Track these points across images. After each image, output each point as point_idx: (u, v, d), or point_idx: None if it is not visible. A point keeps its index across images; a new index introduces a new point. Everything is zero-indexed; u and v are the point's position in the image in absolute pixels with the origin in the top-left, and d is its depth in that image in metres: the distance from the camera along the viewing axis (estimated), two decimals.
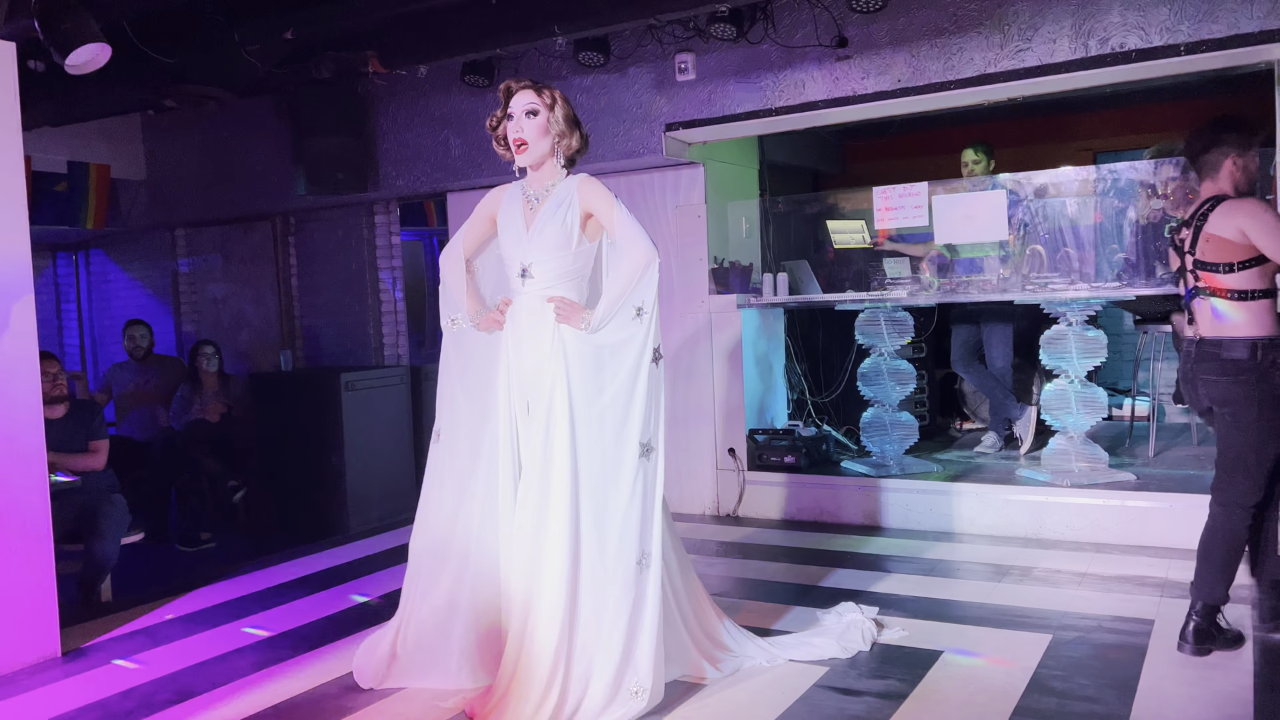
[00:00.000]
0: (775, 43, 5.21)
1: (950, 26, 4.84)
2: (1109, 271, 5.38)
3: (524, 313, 3.11)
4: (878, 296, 5.57)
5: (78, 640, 3.98)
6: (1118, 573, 4.27)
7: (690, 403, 5.80)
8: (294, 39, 5.15)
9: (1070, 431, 5.10)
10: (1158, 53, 4.46)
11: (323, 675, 3.48)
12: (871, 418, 5.69)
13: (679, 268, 5.76)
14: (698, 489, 5.85)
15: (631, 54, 5.56)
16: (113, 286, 8.62)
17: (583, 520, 2.96)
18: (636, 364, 3.02)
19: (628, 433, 3.00)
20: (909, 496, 5.26)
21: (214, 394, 6.65)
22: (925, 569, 4.48)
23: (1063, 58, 4.64)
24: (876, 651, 3.46)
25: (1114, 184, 5.63)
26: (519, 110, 3.10)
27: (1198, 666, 3.22)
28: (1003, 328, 5.92)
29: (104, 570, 4.56)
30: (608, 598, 2.93)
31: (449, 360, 3.31)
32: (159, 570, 5.40)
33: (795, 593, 4.21)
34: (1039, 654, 3.37)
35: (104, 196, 7.52)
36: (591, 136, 5.68)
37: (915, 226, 5.56)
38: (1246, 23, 4.28)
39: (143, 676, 3.56)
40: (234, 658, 3.72)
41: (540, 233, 3.09)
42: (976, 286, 5.51)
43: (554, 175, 3.17)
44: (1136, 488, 4.86)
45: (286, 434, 6.27)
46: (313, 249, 7.36)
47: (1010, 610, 3.85)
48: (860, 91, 5.07)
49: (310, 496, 6.16)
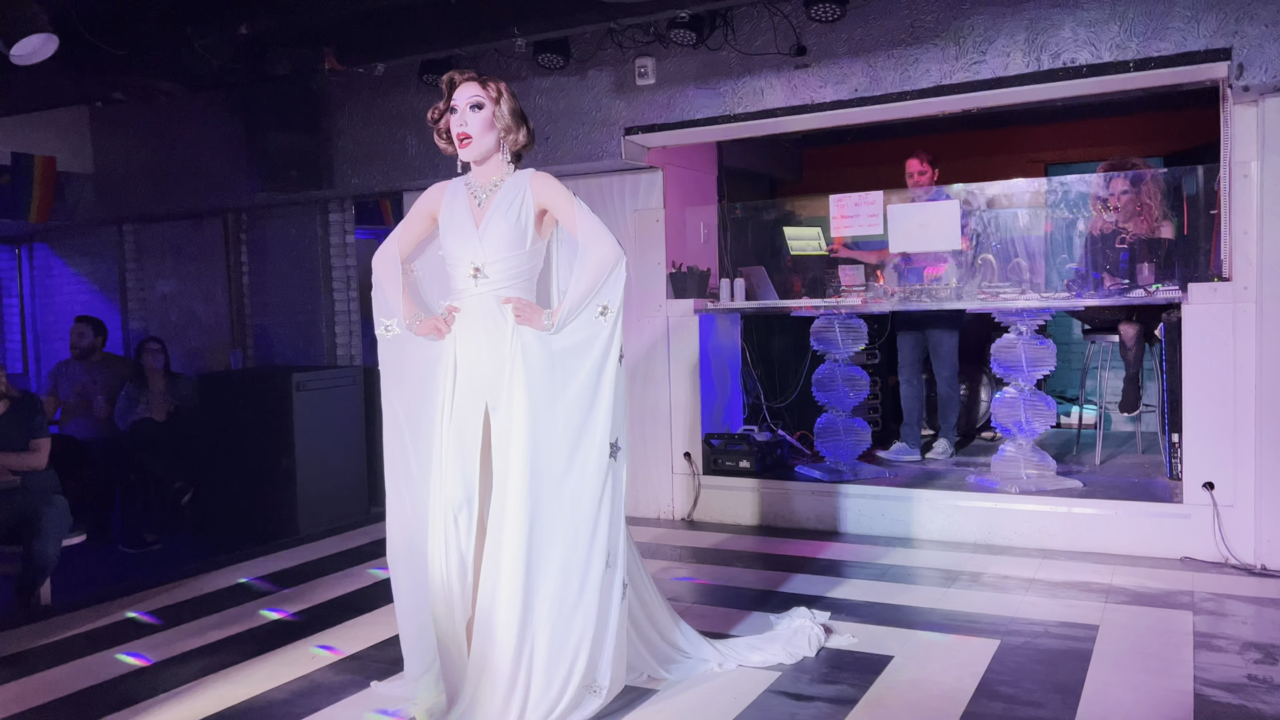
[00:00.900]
0: (735, 49, 5.23)
1: (907, 38, 4.89)
2: (1059, 281, 5.49)
3: (478, 314, 3.00)
4: (833, 303, 5.62)
5: (14, 645, 3.87)
6: (1064, 579, 4.34)
7: (646, 406, 5.80)
8: (248, 33, 5.07)
9: (1019, 439, 5.18)
10: (1107, 68, 4.55)
11: (270, 681, 3.42)
12: (825, 423, 5.74)
13: (637, 272, 5.76)
14: (653, 493, 5.85)
15: (591, 57, 5.56)
16: (56, 281, 8.41)
17: (550, 521, 2.91)
18: (600, 363, 2.97)
19: (595, 432, 2.95)
20: (861, 502, 5.30)
21: (160, 393, 6.51)
22: (877, 574, 4.52)
23: (1016, 71, 4.71)
24: (828, 657, 3.48)
25: (1064, 196, 5.74)
26: (463, 103, 2.98)
27: (1140, 671, 3.29)
28: (949, 336, 5.99)
29: (44, 572, 4.43)
30: (578, 599, 2.90)
31: (386, 369, 3.14)
32: (101, 572, 5.28)
33: (749, 598, 4.22)
34: (987, 659, 3.42)
35: (49, 189, 7.33)
36: (550, 139, 5.74)
37: (870, 235, 5.62)
38: (1193, 41, 4.39)
39: (81, 683, 3.47)
40: (178, 663, 3.64)
41: (491, 231, 2.98)
42: (929, 295, 5.58)
43: (500, 170, 3.06)
44: (1083, 495, 4.95)
45: (236, 434, 6.16)
46: (265, 247, 7.25)
47: (960, 615, 3.90)
48: (818, 100, 5.11)
49: (260, 498, 6.05)
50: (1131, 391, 5.76)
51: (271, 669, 3.53)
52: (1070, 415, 7.01)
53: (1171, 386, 5.05)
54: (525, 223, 3.00)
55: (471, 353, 3.03)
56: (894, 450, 6.10)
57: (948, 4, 4.82)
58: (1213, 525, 4.52)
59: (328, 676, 3.47)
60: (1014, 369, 5.17)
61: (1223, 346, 4.51)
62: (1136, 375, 5.73)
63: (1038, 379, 5.20)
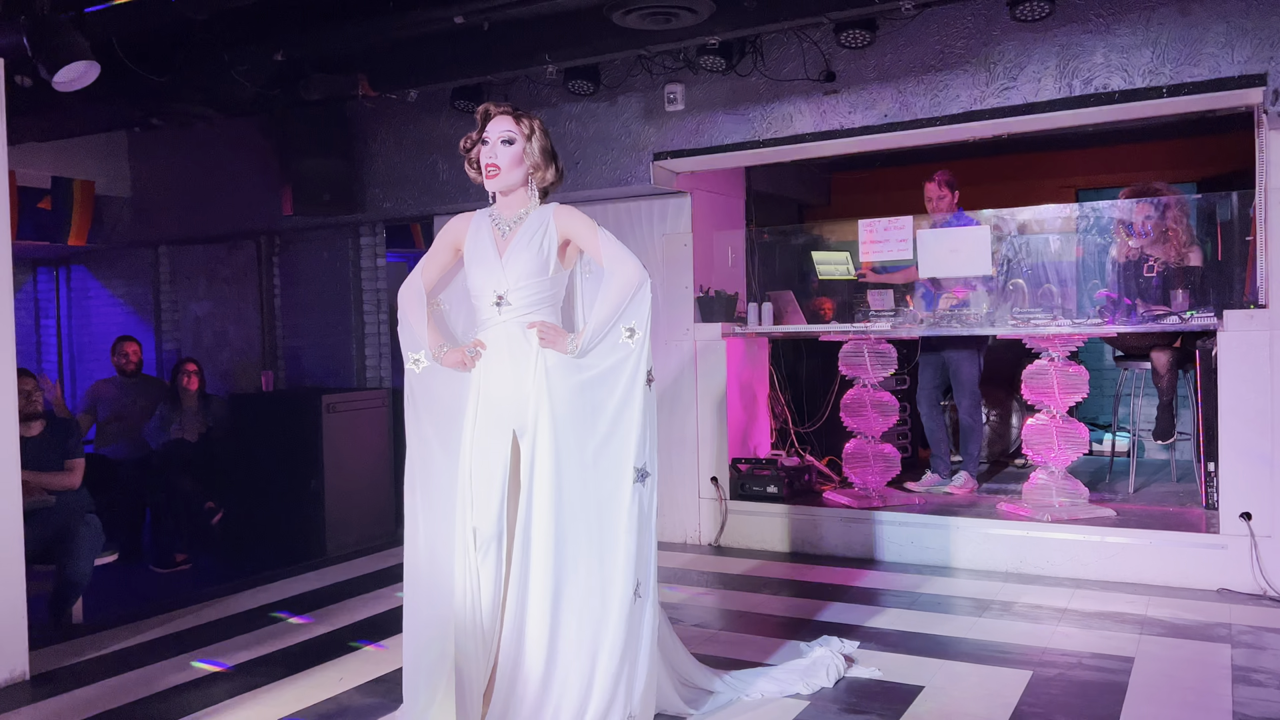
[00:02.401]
0: (764, 75, 5.25)
1: (937, 64, 4.90)
2: (1090, 307, 5.43)
3: (503, 341, 3.00)
4: (861, 328, 5.59)
5: (47, 663, 3.91)
6: (1098, 609, 4.28)
7: (674, 430, 5.79)
8: (284, 60, 5.15)
9: (1051, 466, 5.12)
10: (1140, 94, 4.53)
11: (298, 702, 3.43)
12: (854, 449, 5.70)
13: (665, 296, 5.77)
14: (680, 517, 5.83)
15: (621, 83, 5.60)
16: (93, 303, 8.55)
17: (576, 549, 2.89)
18: (629, 387, 2.96)
19: (623, 458, 2.93)
20: (890, 529, 5.25)
21: (194, 413, 6.58)
22: (906, 602, 4.48)
23: (1047, 97, 4.70)
24: (856, 687, 3.44)
25: (1095, 221, 5.70)
26: (495, 136, 3.01)
27: (1177, 706, 3.22)
28: (969, 362, 5.88)
29: (76, 591, 4.49)
30: (603, 629, 2.87)
31: (412, 401, 3.10)
32: (132, 592, 5.32)
33: (775, 625, 4.18)
34: (1019, 690, 3.36)
35: (87, 212, 7.48)
36: (579, 164, 5.77)
37: (900, 260, 5.60)
38: (1228, 67, 4.36)
39: (111, 702, 3.49)
40: (207, 684, 3.66)
41: (514, 259, 2.99)
42: (958, 320, 5.54)
43: (525, 204, 3.07)
44: (1117, 524, 4.88)
45: (266, 455, 6.21)
46: (297, 269, 7.34)
47: (991, 645, 3.84)
48: (847, 125, 5.12)
49: (288, 519, 6.09)
50: (1166, 419, 5.68)
51: (299, 690, 3.54)
52: (1103, 443, 6.92)
53: (1207, 414, 4.98)
54: (549, 252, 3.01)
55: (497, 381, 3.01)
56: (924, 481, 5.99)
57: (978, 30, 4.82)
58: (1250, 556, 4.44)
59: (355, 699, 3.47)
60: (1045, 395, 5.11)
61: (1259, 373, 4.44)
62: (1170, 403, 5.66)
63: (1070, 405, 5.14)
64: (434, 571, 3.03)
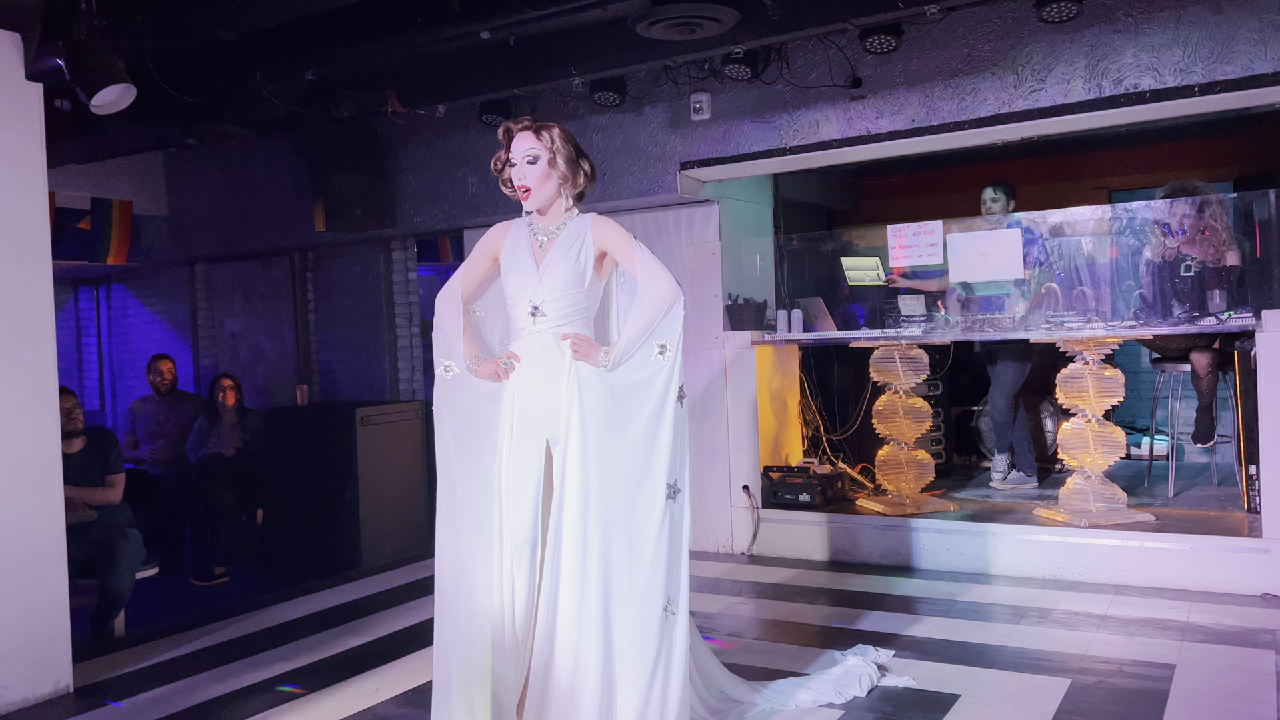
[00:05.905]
0: (790, 83, 5.25)
1: (964, 67, 4.87)
2: (1125, 309, 5.37)
3: (537, 351, 3.01)
4: (892, 334, 5.56)
5: (90, 676, 3.98)
6: (1137, 615, 4.21)
7: (704, 439, 5.79)
8: (314, 79, 5.23)
9: (1088, 471, 5.06)
10: (1171, 93, 4.47)
11: (334, 714, 3.46)
12: (887, 456, 5.66)
13: (693, 304, 5.76)
14: (712, 526, 5.82)
15: (647, 94, 5.62)
16: (132, 321, 8.71)
17: (605, 557, 2.88)
18: (660, 403, 2.95)
19: (653, 473, 2.93)
20: (925, 536, 5.21)
21: (232, 427, 6.68)
22: (942, 610, 4.44)
23: (1076, 98, 4.66)
24: (892, 695, 3.41)
25: (1129, 222, 5.62)
26: (519, 157, 3.01)
27: (1221, 714, 3.16)
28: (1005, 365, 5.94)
29: (118, 605, 4.56)
30: (632, 639, 2.85)
31: (442, 410, 3.10)
32: (173, 605, 5.40)
33: (811, 634, 4.16)
34: (1058, 699, 3.32)
35: (126, 232, 7.62)
36: (607, 175, 5.80)
37: (929, 264, 5.56)
38: (1261, 64, 4.29)
39: (153, 713, 3.55)
40: (246, 695, 3.70)
41: (551, 270, 3.00)
42: (992, 325, 5.50)
43: (562, 215, 3.09)
44: (1156, 529, 4.81)
45: (301, 468, 6.28)
46: (330, 285, 7.43)
47: (1029, 653, 3.80)
48: (874, 131, 5.10)
49: (324, 531, 6.16)
50: (1205, 422, 5.59)
51: (336, 702, 3.57)
52: (1141, 446, 6.82)
53: (1247, 416, 4.90)
54: (585, 263, 3.02)
55: (530, 391, 3.02)
56: (1011, 478, 6.13)
57: (1004, 33, 4.79)
58: None
59: (391, 710, 3.50)
60: (1081, 399, 5.05)
61: None
62: (1210, 405, 5.56)
63: (1106, 409, 5.07)
64: (461, 581, 3.03)
